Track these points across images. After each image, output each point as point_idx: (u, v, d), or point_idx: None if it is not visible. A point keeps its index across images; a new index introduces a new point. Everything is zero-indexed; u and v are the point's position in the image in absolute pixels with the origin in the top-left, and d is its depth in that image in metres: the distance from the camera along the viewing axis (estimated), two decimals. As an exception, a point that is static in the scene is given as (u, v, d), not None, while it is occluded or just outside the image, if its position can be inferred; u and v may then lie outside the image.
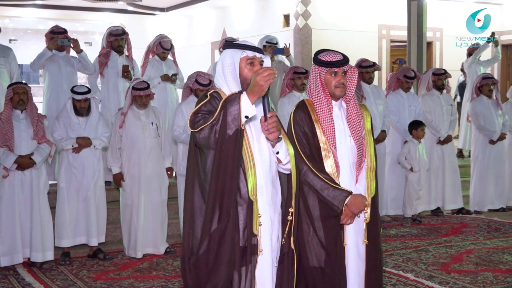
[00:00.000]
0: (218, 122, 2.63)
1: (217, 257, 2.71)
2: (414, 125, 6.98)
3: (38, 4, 13.30)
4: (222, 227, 2.69)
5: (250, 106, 2.64)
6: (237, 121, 2.63)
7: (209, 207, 2.71)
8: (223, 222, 2.69)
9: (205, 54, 13.69)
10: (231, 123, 2.63)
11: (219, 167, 2.68)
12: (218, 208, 2.69)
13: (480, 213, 7.52)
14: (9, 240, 5.26)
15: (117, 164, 5.72)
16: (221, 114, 2.63)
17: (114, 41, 7.03)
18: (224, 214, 2.69)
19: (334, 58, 3.20)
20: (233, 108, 2.62)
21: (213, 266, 2.72)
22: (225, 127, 2.63)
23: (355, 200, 3.16)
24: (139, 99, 5.67)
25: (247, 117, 2.64)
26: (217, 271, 2.72)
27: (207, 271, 2.73)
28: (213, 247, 2.71)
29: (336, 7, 11.34)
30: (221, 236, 2.70)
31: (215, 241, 2.70)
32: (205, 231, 2.72)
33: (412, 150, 6.94)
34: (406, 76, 7.20)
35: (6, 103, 5.40)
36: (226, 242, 2.70)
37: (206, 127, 2.65)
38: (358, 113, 3.26)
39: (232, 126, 2.63)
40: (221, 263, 2.71)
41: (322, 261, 3.18)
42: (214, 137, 2.65)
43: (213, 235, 2.70)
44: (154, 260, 5.61)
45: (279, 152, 2.84)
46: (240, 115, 2.62)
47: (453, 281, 4.89)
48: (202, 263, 2.74)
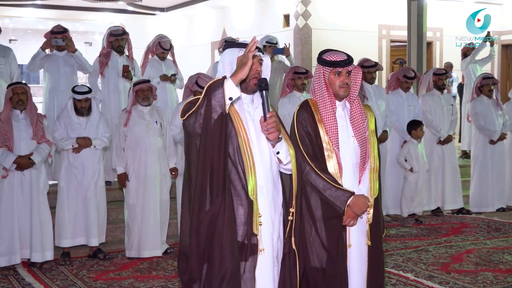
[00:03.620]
0: (203, 106, 2.63)
1: (208, 241, 2.69)
2: (413, 125, 6.97)
3: (38, 4, 13.30)
4: (215, 210, 2.67)
5: (234, 88, 2.63)
6: (222, 104, 2.62)
7: (197, 193, 2.69)
8: (215, 206, 2.67)
9: (205, 54, 13.69)
10: (216, 106, 2.62)
11: (205, 152, 2.66)
12: (209, 194, 2.67)
13: (480, 213, 7.52)
14: (8, 240, 5.26)
15: (122, 164, 5.72)
16: (205, 99, 2.63)
17: (114, 41, 7.03)
18: (214, 198, 2.67)
19: (338, 58, 3.19)
20: (217, 92, 2.62)
21: (204, 249, 2.70)
22: (210, 110, 2.62)
23: (357, 200, 3.15)
24: (141, 93, 5.68)
25: (231, 99, 2.64)
26: (209, 254, 2.70)
27: (200, 255, 2.71)
28: (203, 231, 2.68)
29: (336, 7, 11.33)
30: (211, 220, 2.68)
31: (205, 223, 2.68)
32: (195, 216, 2.70)
33: (412, 150, 6.93)
34: (406, 76, 7.20)
35: (5, 103, 5.40)
36: (219, 227, 2.67)
37: (192, 113, 2.65)
38: (361, 114, 3.25)
39: (218, 109, 2.62)
40: (212, 245, 2.68)
41: (323, 262, 3.17)
42: (199, 122, 2.64)
43: (204, 217, 2.68)
44: (154, 260, 5.60)
45: (279, 152, 2.84)
46: (224, 97, 2.61)
47: (453, 281, 4.89)
48: (193, 246, 2.71)
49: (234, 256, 2.69)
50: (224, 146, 2.67)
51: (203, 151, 2.67)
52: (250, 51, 2.64)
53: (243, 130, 2.77)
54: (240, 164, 2.74)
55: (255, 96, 2.87)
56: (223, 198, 2.68)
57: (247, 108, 2.85)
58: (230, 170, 2.74)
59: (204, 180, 2.68)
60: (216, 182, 2.67)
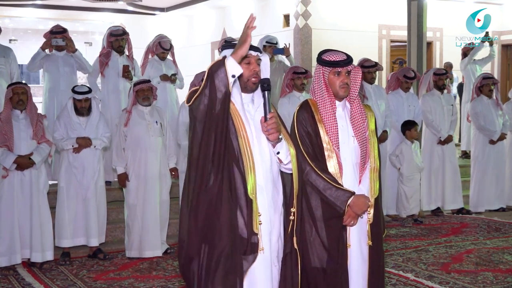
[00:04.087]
0: (207, 86, 2.63)
1: (208, 221, 2.69)
2: (407, 125, 6.95)
3: (38, 4, 13.29)
4: (214, 190, 2.68)
5: (235, 65, 2.63)
6: (225, 83, 2.61)
7: (198, 173, 2.69)
8: (215, 186, 2.68)
9: (205, 54, 13.67)
10: (220, 85, 2.61)
11: (209, 131, 2.65)
12: (211, 172, 2.67)
13: (480, 213, 7.52)
14: (8, 240, 5.26)
15: (122, 164, 5.72)
16: (208, 80, 2.63)
17: (114, 41, 7.04)
18: (215, 176, 2.68)
19: (338, 58, 3.19)
20: (219, 71, 2.62)
21: (202, 229, 2.71)
22: (215, 90, 2.62)
23: (358, 200, 3.15)
24: (142, 93, 5.69)
25: (234, 76, 2.64)
26: (208, 234, 2.70)
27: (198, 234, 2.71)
28: (202, 211, 2.68)
29: (336, 7, 11.33)
30: (210, 201, 2.68)
31: (204, 204, 2.68)
32: (195, 198, 2.70)
33: (405, 150, 6.90)
34: (406, 76, 7.20)
35: (5, 103, 5.40)
36: (218, 208, 2.67)
37: (198, 96, 2.65)
38: (362, 114, 3.25)
39: (222, 88, 2.62)
40: (211, 226, 2.69)
41: (324, 262, 3.17)
42: (204, 103, 2.64)
43: (203, 198, 2.68)
44: (154, 260, 5.60)
45: (279, 152, 2.84)
46: (227, 76, 2.61)
47: (453, 281, 4.89)
48: (192, 225, 2.72)
49: (231, 236, 2.70)
50: (226, 124, 2.68)
51: (207, 130, 2.66)
52: (248, 27, 2.63)
53: (243, 129, 2.77)
54: (240, 163, 2.74)
55: (255, 96, 2.87)
56: (222, 178, 2.69)
57: (247, 108, 2.85)
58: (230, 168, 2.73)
59: (207, 159, 2.68)
60: (217, 161, 2.68)
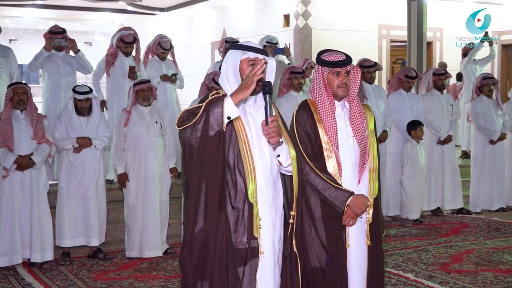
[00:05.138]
0: (200, 122, 2.65)
1: (202, 258, 2.72)
2: (412, 125, 6.96)
3: (38, 4, 13.30)
4: (209, 228, 2.70)
5: (233, 108, 2.65)
6: (220, 122, 2.64)
7: (191, 207, 2.71)
8: (210, 224, 2.69)
9: (205, 54, 13.68)
10: (213, 124, 2.64)
11: (201, 168, 2.68)
12: (203, 210, 2.69)
13: (480, 213, 7.52)
14: (9, 241, 5.26)
15: (122, 164, 5.73)
16: (203, 115, 2.65)
17: (123, 47, 7.06)
18: (209, 216, 2.69)
19: (337, 58, 3.19)
20: (216, 110, 2.64)
21: (197, 265, 2.73)
22: (207, 127, 2.64)
23: (357, 200, 3.15)
24: (141, 93, 5.69)
25: (229, 118, 2.65)
26: (204, 271, 2.72)
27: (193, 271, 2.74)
28: (196, 248, 2.71)
29: (336, 7, 11.33)
30: (205, 238, 2.70)
31: (199, 241, 2.71)
32: (189, 231, 2.73)
33: (410, 150, 6.91)
34: (408, 76, 7.20)
35: (6, 103, 5.40)
36: (211, 244, 2.70)
37: (189, 127, 2.67)
38: (361, 114, 3.25)
39: (215, 127, 2.64)
40: (207, 262, 2.71)
41: (323, 262, 3.17)
42: (195, 136, 2.66)
43: (197, 235, 2.71)
44: (154, 260, 5.60)
45: (280, 155, 2.84)
46: (223, 116, 2.63)
47: (453, 281, 4.89)
48: (186, 262, 2.75)
49: (226, 277, 2.71)
50: (221, 163, 2.68)
51: (199, 167, 2.69)
52: (255, 75, 2.64)
53: (244, 132, 2.77)
54: (240, 167, 2.74)
55: (258, 97, 2.87)
56: (219, 217, 2.70)
57: (249, 110, 2.85)
58: (230, 173, 2.74)
59: (199, 197, 2.70)
60: (211, 200, 2.69)
